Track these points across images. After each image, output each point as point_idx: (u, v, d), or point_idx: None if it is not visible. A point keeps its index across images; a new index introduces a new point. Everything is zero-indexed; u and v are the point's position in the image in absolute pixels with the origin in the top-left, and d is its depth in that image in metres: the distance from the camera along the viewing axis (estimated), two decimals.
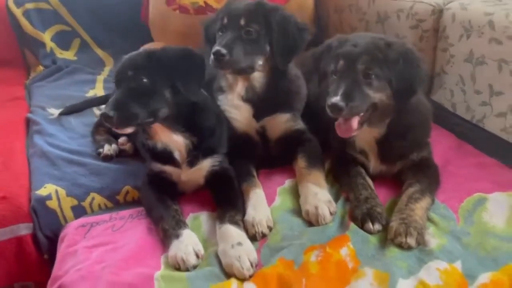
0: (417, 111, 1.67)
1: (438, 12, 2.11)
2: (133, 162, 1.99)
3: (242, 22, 1.76)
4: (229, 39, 1.72)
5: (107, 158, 2.01)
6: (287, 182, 1.78)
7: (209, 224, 1.64)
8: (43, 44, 3.09)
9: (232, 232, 1.49)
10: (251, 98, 1.86)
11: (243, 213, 1.61)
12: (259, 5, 1.81)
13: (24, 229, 1.77)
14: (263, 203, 1.64)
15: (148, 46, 2.72)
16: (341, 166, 1.74)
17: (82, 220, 1.73)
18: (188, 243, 1.47)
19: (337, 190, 1.71)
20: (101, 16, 3.23)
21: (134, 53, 1.65)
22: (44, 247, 1.79)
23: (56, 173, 1.93)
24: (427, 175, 1.62)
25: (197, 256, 1.46)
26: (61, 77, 2.92)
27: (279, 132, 1.88)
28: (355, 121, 1.53)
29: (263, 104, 1.86)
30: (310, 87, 2.02)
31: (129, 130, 1.57)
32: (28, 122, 2.42)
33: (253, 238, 1.52)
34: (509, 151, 1.77)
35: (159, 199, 1.67)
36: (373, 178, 1.70)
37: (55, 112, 2.42)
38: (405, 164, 1.67)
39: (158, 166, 1.71)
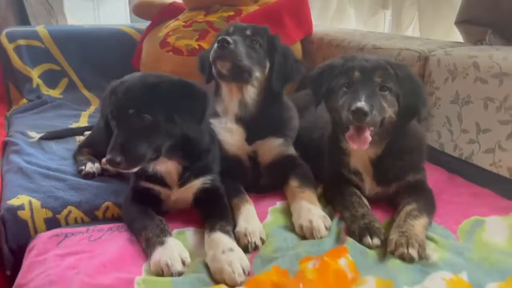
0: (414, 133, 1.68)
1: (424, 59, 2.22)
2: (116, 181, 1.90)
3: (248, 32, 1.83)
4: (235, 38, 1.75)
5: (88, 176, 1.91)
6: (279, 204, 1.71)
7: (196, 238, 1.53)
8: (29, 79, 3.08)
9: (223, 239, 1.38)
10: (244, 119, 1.85)
11: (234, 225, 1.51)
12: (265, 29, 1.89)
13: None
14: (254, 217, 1.56)
15: None
16: (335, 187, 1.69)
17: (56, 230, 1.58)
18: (173, 249, 1.35)
19: (330, 211, 1.65)
20: (93, 59, 3.28)
21: (129, 82, 1.51)
22: (7, 262, 1.62)
23: (31, 186, 1.81)
24: (423, 196, 1.59)
25: (183, 263, 1.33)
26: (45, 110, 2.88)
27: (271, 157, 1.85)
28: (368, 133, 1.51)
29: (256, 127, 1.84)
30: (302, 122, 2.05)
31: (137, 169, 1.50)
32: (5, 146, 2.31)
33: (244, 249, 1.41)
34: (501, 183, 1.77)
35: (143, 211, 1.56)
36: (368, 200, 1.65)
37: (36, 135, 2.34)
38: (400, 186, 1.64)
39: (146, 184, 1.62)
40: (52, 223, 1.67)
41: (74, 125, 2.65)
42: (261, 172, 1.87)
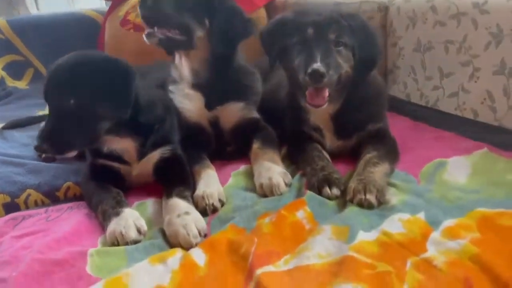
0: (373, 84, 1.64)
1: (384, 9, 2.17)
2: (77, 162, 1.85)
3: None
4: None
5: (48, 160, 1.86)
6: (242, 168, 1.67)
7: (155, 207, 1.49)
8: None
9: (180, 204, 1.35)
10: (200, 85, 1.79)
11: (193, 191, 1.48)
12: None
13: None
14: (215, 180, 1.53)
15: None
16: (296, 145, 1.66)
17: (13, 214, 1.54)
18: (128, 217, 1.32)
19: (293, 170, 1.61)
20: (57, 47, 3.16)
21: (56, 65, 1.44)
22: None
23: None
24: (385, 144, 1.56)
25: (139, 231, 1.30)
26: (9, 102, 2.81)
27: (233, 121, 1.80)
28: (326, 92, 1.46)
29: (214, 92, 1.78)
30: (267, 85, 2.00)
31: (71, 155, 1.46)
32: None
33: (203, 212, 1.38)
34: (465, 125, 1.74)
35: (100, 186, 1.52)
36: (331, 155, 1.62)
37: None
38: (361, 136, 1.60)
39: (104, 161, 1.57)
40: (11, 208, 1.61)
41: (40, 113, 2.59)
42: (225, 138, 1.82)
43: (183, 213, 1.30)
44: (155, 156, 1.59)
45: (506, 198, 1.24)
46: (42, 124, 2.27)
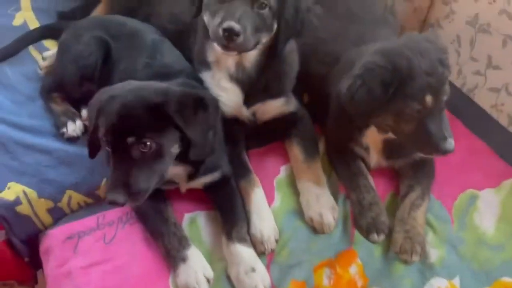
0: None
1: None
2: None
3: None
4: (242, 13, 1.42)
5: (72, 139, 1.74)
6: (282, 171, 1.71)
7: (209, 227, 1.58)
8: None
9: (243, 254, 1.45)
10: (241, 79, 1.64)
11: (246, 220, 1.56)
12: None
13: None
14: (265, 208, 1.58)
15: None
16: (339, 158, 1.68)
17: (66, 229, 1.58)
18: (197, 268, 1.43)
19: (334, 181, 1.69)
20: None
21: (123, 100, 1.28)
22: (23, 252, 1.65)
23: (15, 164, 1.66)
24: (425, 172, 1.63)
25: (208, 281, 1.44)
26: None
27: (271, 116, 1.74)
28: None
29: (254, 88, 1.66)
30: None
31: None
32: None
33: (260, 252, 1.50)
34: (498, 134, 1.80)
35: (154, 209, 1.54)
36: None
37: None
38: (406, 162, 1.65)
39: None
40: (56, 213, 1.63)
41: (18, 18, 2.19)
42: (259, 127, 1.77)
43: (249, 270, 1.42)
44: (205, 179, 1.58)
45: None
46: (34, 52, 2.01)
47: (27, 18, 2.21)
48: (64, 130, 1.73)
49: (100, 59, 1.73)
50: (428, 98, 1.34)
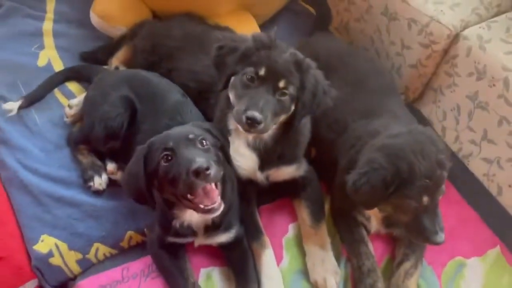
0: None
1: (454, 37, 1.96)
2: (126, 196, 1.88)
3: (281, 84, 1.61)
4: (265, 102, 1.57)
5: (98, 192, 1.89)
6: (291, 229, 1.89)
7: (223, 283, 1.75)
8: None
9: None
10: (257, 147, 1.79)
11: (257, 280, 1.73)
12: (297, 64, 1.64)
13: (30, 287, 1.76)
14: (274, 269, 1.75)
15: None
16: (343, 223, 1.85)
17: (94, 280, 1.74)
18: None
19: (337, 243, 1.86)
20: None
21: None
22: None
23: (47, 217, 1.82)
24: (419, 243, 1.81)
25: None
26: None
27: (282, 179, 1.89)
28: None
29: (270, 155, 1.80)
30: None
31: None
32: None
33: None
34: (489, 203, 1.97)
35: (174, 266, 1.70)
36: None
37: (13, 106, 2.06)
38: (403, 230, 1.81)
39: (173, 239, 1.69)
40: (84, 263, 1.79)
41: (43, 58, 2.29)
42: (270, 186, 1.92)
43: None
44: (220, 238, 1.73)
45: None
46: (61, 97, 2.12)
47: (51, 57, 2.31)
48: (91, 184, 1.87)
49: (126, 121, 1.85)
50: (425, 199, 1.51)
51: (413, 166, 1.50)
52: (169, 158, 1.44)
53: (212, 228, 1.68)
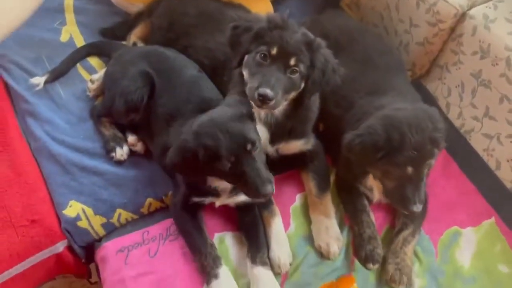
0: None
1: (460, 16, 2.02)
2: (145, 166, 2.05)
3: (292, 62, 1.70)
4: (276, 80, 1.68)
5: (119, 162, 2.04)
6: (298, 199, 2.02)
7: (235, 247, 1.91)
8: None
9: (265, 276, 1.77)
10: (269, 123, 1.90)
11: (266, 245, 1.88)
12: (308, 43, 1.74)
13: (60, 246, 1.94)
14: (283, 236, 1.89)
15: None
16: (347, 194, 1.98)
17: (117, 242, 1.92)
18: (226, 284, 1.75)
19: (341, 212, 2.00)
20: None
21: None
22: (81, 255, 2.00)
23: (74, 185, 1.98)
24: (424, 210, 1.91)
25: None
26: None
27: (291, 152, 2.01)
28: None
29: (280, 130, 1.92)
30: None
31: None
32: (7, 87, 2.23)
33: (276, 273, 1.83)
34: (487, 178, 2.07)
35: (195, 227, 1.85)
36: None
37: (40, 80, 2.20)
38: None
39: (198, 199, 1.84)
40: (108, 227, 1.96)
41: (65, 34, 2.41)
42: (280, 159, 2.04)
43: None
44: (240, 198, 1.86)
45: None
46: (83, 72, 2.25)
47: (73, 33, 2.43)
48: (113, 154, 2.02)
49: (145, 94, 1.97)
50: (410, 169, 1.65)
51: (405, 137, 1.62)
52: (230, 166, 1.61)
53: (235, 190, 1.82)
